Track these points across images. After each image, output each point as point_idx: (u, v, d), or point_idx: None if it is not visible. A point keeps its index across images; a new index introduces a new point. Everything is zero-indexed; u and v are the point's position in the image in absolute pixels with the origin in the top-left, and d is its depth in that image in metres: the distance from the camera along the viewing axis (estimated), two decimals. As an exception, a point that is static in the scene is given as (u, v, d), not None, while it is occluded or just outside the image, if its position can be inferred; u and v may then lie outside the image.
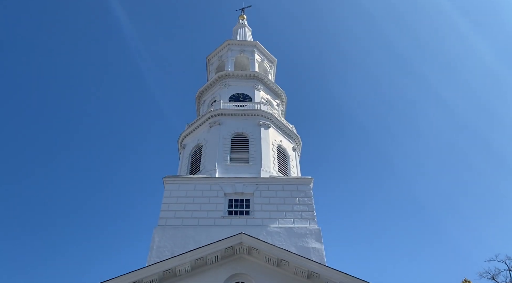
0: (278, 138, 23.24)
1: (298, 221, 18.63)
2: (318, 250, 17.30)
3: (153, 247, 16.99)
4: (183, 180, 19.98)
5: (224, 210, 18.91)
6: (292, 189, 19.88)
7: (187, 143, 23.78)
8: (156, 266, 12.97)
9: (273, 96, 27.12)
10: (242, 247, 13.80)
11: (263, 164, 20.95)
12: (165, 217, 18.35)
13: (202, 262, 13.38)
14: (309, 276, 13.16)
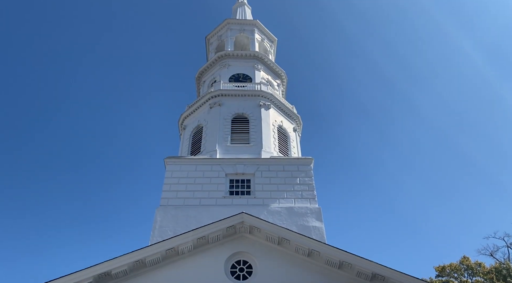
0: (279, 119, 23.21)
1: (298, 201, 18.82)
2: (319, 229, 17.56)
3: (156, 227, 17.23)
4: (184, 161, 20.07)
5: (225, 190, 19.09)
6: (293, 169, 20.00)
7: (188, 124, 23.77)
8: (159, 245, 13.17)
9: (273, 76, 26.92)
10: (243, 226, 13.98)
11: (263, 145, 20.99)
12: (167, 197, 18.53)
13: (204, 241, 13.59)
14: (310, 254, 13.38)
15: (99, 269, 12.26)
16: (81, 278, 12.02)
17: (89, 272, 12.13)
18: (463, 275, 26.68)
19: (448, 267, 26.83)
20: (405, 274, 12.45)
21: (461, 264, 26.88)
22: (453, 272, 26.66)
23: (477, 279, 26.04)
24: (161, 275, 12.88)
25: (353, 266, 12.91)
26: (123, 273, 12.58)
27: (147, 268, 12.92)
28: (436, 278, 26.78)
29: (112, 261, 12.45)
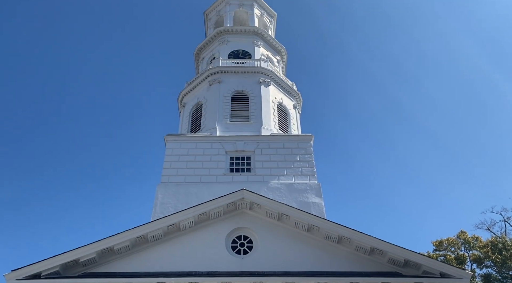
0: (279, 96, 23.08)
1: (298, 177, 18.96)
2: (318, 205, 17.78)
3: (157, 203, 17.45)
4: (184, 139, 20.11)
5: (225, 167, 19.20)
6: (293, 147, 20.06)
7: (187, 101, 23.66)
8: (161, 221, 13.35)
9: (273, 53, 26.59)
10: (243, 203, 14.14)
11: (263, 122, 20.98)
12: (168, 174, 18.66)
13: (205, 217, 13.77)
14: (309, 229, 13.59)
15: (102, 244, 12.47)
16: (84, 253, 12.24)
17: (92, 247, 12.35)
18: (460, 249, 27.21)
19: (445, 242, 27.31)
20: (403, 248, 12.69)
21: (458, 238, 27.36)
22: (450, 246, 27.16)
23: (473, 252, 26.54)
24: (163, 251, 13.11)
25: (352, 241, 13.13)
26: (126, 249, 12.82)
27: (149, 243, 13.16)
28: (434, 252, 27.31)
29: (114, 237, 12.65)
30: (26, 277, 11.54)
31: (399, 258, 12.63)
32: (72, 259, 12.11)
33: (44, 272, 11.70)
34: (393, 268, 12.79)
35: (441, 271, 12.25)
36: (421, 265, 12.44)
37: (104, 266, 12.57)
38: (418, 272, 12.47)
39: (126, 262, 12.74)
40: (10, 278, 11.45)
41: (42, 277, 11.63)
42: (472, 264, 26.54)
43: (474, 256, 26.17)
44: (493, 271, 25.57)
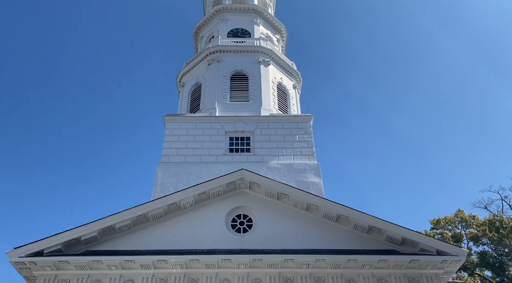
0: (278, 76, 22.90)
1: (297, 158, 19.02)
2: (317, 184, 17.89)
3: (157, 183, 17.55)
4: (183, 119, 20.05)
5: (225, 147, 19.22)
6: (292, 127, 20.04)
7: (186, 81, 23.47)
8: (161, 200, 13.45)
9: (273, 31, 26.21)
10: (243, 182, 14.21)
11: (263, 102, 20.88)
12: (167, 154, 18.70)
13: (205, 196, 13.87)
14: (308, 208, 13.71)
15: (103, 223, 12.60)
16: (86, 231, 12.38)
17: (93, 226, 12.49)
18: (457, 227, 27.54)
19: (442, 220, 27.61)
20: (400, 226, 12.84)
21: (456, 217, 27.65)
22: (447, 224, 27.48)
23: (470, 230, 26.88)
24: (163, 229, 13.26)
25: (350, 219, 13.27)
26: (127, 227, 12.96)
27: (150, 222, 13.29)
28: (431, 231, 27.65)
29: (116, 216, 12.77)
30: (29, 254, 11.70)
31: (396, 236, 12.80)
32: (74, 238, 12.26)
33: (46, 250, 11.87)
34: (390, 246, 12.97)
35: (438, 248, 12.43)
36: (418, 243, 12.61)
37: (105, 244, 12.73)
38: (415, 249, 12.66)
39: (127, 240, 12.90)
40: (13, 255, 11.62)
41: (44, 254, 11.80)
42: (468, 242, 26.92)
43: (471, 234, 26.51)
44: (489, 248, 25.97)
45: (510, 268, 24.67)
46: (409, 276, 12.27)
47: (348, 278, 12.21)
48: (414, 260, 12.18)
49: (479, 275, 25.90)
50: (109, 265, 11.84)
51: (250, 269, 12.09)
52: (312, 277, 12.15)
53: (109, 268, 11.89)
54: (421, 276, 12.29)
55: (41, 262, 11.67)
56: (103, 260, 11.81)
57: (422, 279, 12.24)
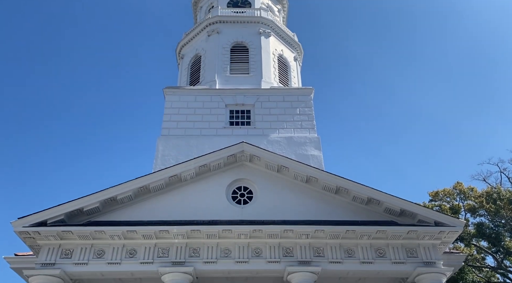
0: (279, 47, 22.55)
1: (298, 131, 19.03)
2: (317, 157, 17.99)
3: (158, 155, 17.64)
4: (183, 92, 19.92)
5: (225, 120, 19.20)
6: (293, 100, 19.94)
7: (186, 53, 23.13)
8: (162, 172, 13.53)
9: (273, 1, 25.59)
10: (243, 155, 14.25)
11: (263, 75, 20.67)
12: (168, 127, 18.71)
13: (206, 169, 13.94)
14: (308, 181, 13.80)
15: (105, 194, 12.73)
16: (88, 202, 12.53)
17: (95, 197, 12.62)
18: (455, 199, 27.86)
19: (441, 192, 27.89)
20: (399, 198, 12.97)
21: (454, 189, 27.90)
22: (446, 196, 27.76)
23: (468, 202, 27.21)
24: (164, 201, 13.39)
25: (349, 191, 13.39)
26: (128, 199, 13.10)
27: (151, 194, 13.42)
28: (429, 203, 27.99)
29: (117, 187, 12.88)
30: (32, 224, 11.89)
31: (395, 207, 12.96)
32: (77, 208, 12.41)
33: (49, 220, 12.04)
34: (389, 217, 13.16)
35: (436, 220, 12.62)
36: (416, 214, 12.78)
37: (107, 215, 12.91)
38: (413, 221, 12.84)
39: (128, 211, 13.07)
40: (17, 225, 11.81)
41: (48, 224, 11.99)
42: (466, 214, 27.30)
43: (469, 206, 26.82)
44: (486, 220, 26.38)
45: (506, 239, 25.13)
46: (407, 247, 12.51)
47: (346, 248, 12.44)
48: (412, 231, 12.37)
49: (475, 246, 26.44)
50: (112, 235, 12.05)
51: (250, 239, 12.29)
52: (311, 247, 12.38)
53: (112, 238, 12.10)
54: (419, 246, 12.52)
55: (45, 232, 11.87)
56: (105, 230, 12.00)
57: (419, 249, 12.48)
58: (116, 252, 12.05)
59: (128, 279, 12.95)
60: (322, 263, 12.09)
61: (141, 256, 12.03)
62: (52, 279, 11.48)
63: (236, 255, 12.13)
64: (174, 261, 11.95)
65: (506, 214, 24.75)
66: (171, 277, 11.67)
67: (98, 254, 12.04)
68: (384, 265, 12.23)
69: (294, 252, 12.26)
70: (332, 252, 12.32)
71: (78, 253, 11.99)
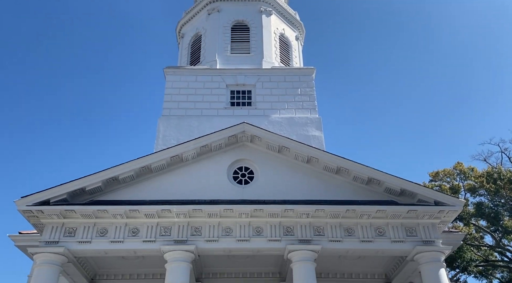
0: (281, 26, 22.22)
1: (299, 111, 18.97)
2: (318, 138, 17.99)
3: (159, 136, 17.66)
4: (184, 71, 19.77)
5: (226, 101, 19.13)
6: (294, 80, 19.80)
7: (186, 32, 22.83)
8: (164, 152, 13.55)
9: (274, -21, 25.03)
10: (244, 135, 14.23)
11: (264, 55, 20.46)
12: (169, 107, 18.66)
13: (207, 149, 13.94)
14: (308, 161, 13.82)
15: (107, 174, 12.78)
16: (91, 182, 12.60)
17: (98, 176, 12.68)
18: (455, 179, 28.00)
19: (441, 173, 28.00)
20: (399, 178, 13.01)
21: (455, 169, 28.01)
22: (446, 176, 27.90)
23: (468, 182, 27.35)
24: (166, 180, 13.44)
25: (350, 171, 13.41)
26: (130, 178, 13.16)
27: (153, 173, 13.47)
28: (430, 183, 28.14)
29: (119, 167, 12.92)
30: (36, 203, 12.00)
31: (395, 187, 13.01)
32: (79, 188, 12.49)
33: (52, 199, 12.14)
34: (389, 197, 13.23)
35: (435, 199, 12.68)
36: (416, 194, 12.84)
37: (109, 195, 12.99)
38: (413, 200, 12.91)
39: (130, 191, 13.14)
40: (20, 204, 11.92)
41: (50, 203, 12.10)
42: (465, 194, 27.47)
43: (469, 185, 26.97)
44: (485, 199, 26.56)
45: (505, 218, 25.35)
46: (406, 226, 12.62)
47: (346, 227, 12.56)
48: (411, 210, 12.46)
49: (474, 225, 26.71)
50: (114, 214, 12.17)
51: (251, 218, 12.41)
52: (312, 226, 12.50)
53: (114, 217, 12.22)
54: (418, 225, 12.63)
55: (48, 210, 11.98)
56: (108, 209, 12.11)
57: (419, 228, 12.60)
58: (119, 231, 12.19)
59: (131, 257, 13.19)
60: (322, 242, 12.24)
61: (143, 234, 12.18)
62: (56, 256, 11.67)
63: (237, 234, 12.27)
64: (176, 240, 12.11)
65: (506, 193, 24.89)
66: (173, 255, 11.85)
67: (101, 232, 12.20)
68: (383, 243, 12.37)
69: (295, 231, 12.39)
70: (332, 231, 12.44)
71: (81, 231, 12.14)
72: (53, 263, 11.62)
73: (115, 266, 14.14)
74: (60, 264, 11.79)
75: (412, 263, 12.72)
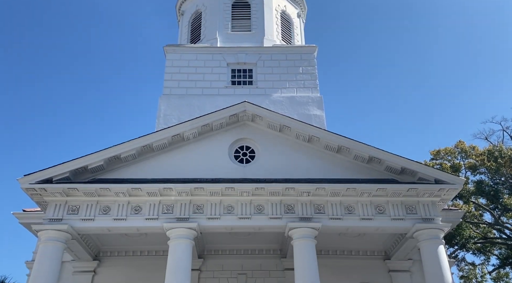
0: (282, 3, 21.81)
1: (300, 90, 18.85)
2: (319, 117, 17.95)
3: (160, 115, 17.63)
4: (184, 50, 19.55)
5: (227, 80, 19.00)
6: (296, 58, 19.59)
7: (186, 9, 22.44)
8: (165, 131, 13.54)
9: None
10: (246, 115, 14.20)
11: (266, 32, 20.17)
12: (169, 86, 18.56)
13: (208, 128, 13.94)
14: (310, 140, 13.82)
15: (109, 152, 12.82)
16: (92, 160, 12.65)
17: (100, 155, 12.72)
18: (456, 158, 27.99)
19: (442, 151, 27.94)
20: (400, 156, 13.02)
21: (456, 148, 27.96)
22: (447, 155, 27.87)
23: (469, 161, 27.33)
24: (167, 159, 13.50)
25: (350, 150, 13.43)
26: (132, 157, 13.21)
27: (154, 152, 13.51)
28: (430, 161, 28.16)
29: (121, 145, 12.95)
30: (38, 181, 12.09)
31: (396, 166, 13.04)
32: (81, 166, 12.55)
33: (55, 177, 12.23)
34: (389, 175, 13.28)
35: (436, 177, 12.73)
36: (416, 172, 12.88)
37: (111, 173, 13.08)
38: (414, 179, 12.97)
39: (132, 169, 13.22)
40: (23, 182, 12.02)
41: (53, 182, 12.20)
42: (466, 172, 27.52)
43: (470, 164, 26.96)
44: (486, 177, 26.62)
45: (505, 196, 25.48)
46: (406, 204, 12.72)
47: (346, 205, 12.67)
48: (412, 189, 12.53)
49: (473, 203, 26.87)
50: (117, 192, 12.28)
51: (252, 196, 12.52)
52: (312, 204, 12.61)
53: (117, 195, 12.33)
54: (418, 203, 12.73)
55: (51, 188, 12.09)
56: (110, 187, 12.21)
57: (419, 206, 12.70)
58: (122, 209, 12.32)
59: (134, 234, 13.39)
60: (323, 220, 12.37)
61: (146, 212, 12.32)
62: (60, 233, 11.85)
63: (239, 212, 12.40)
64: (179, 217, 12.25)
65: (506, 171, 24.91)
66: (176, 232, 12.02)
67: (104, 210, 12.33)
68: (383, 221, 12.50)
69: (295, 209, 12.52)
70: (333, 209, 12.56)
71: (84, 209, 12.28)
72: (57, 240, 11.81)
73: (118, 243, 14.38)
74: (64, 241, 11.99)
75: (411, 240, 12.89)
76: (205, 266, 14.60)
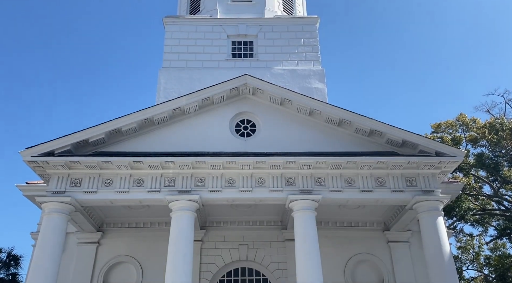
0: (284, -27, 21.17)
1: (302, 63, 18.59)
2: (321, 90, 17.79)
3: (160, 88, 17.49)
4: (183, 21, 19.17)
5: (227, 52, 18.72)
6: (297, 30, 19.23)
7: (185, -21, 21.84)
8: (165, 104, 13.46)
9: None
10: (246, 88, 14.06)
11: (266, 3, 19.72)
12: (169, 59, 18.31)
13: (209, 102, 13.85)
14: (311, 113, 13.74)
15: (110, 125, 12.80)
16: (94, 133, 12.65)
17: (101, 128, 12.70)
18: (457, 131, 27.86)
19: (444, 124, 27.78)
20: (400, 129, 12.97)
21: (457, 121, 27.77)
22: (448, 128, 27.72)
23: (470, 133, 27.21)
24: (168, 133, 13.49)
25: (352, 123, 13.37)
26: (133, 130, 13.19)
27: (155, 126, 13.48)
28: (432, 134, 28.06)
29: (122, 119, 12.91)
30: (40, 154, 12.13)
31: (396, 138, 13.01)
32: (83, 139, 12.56)
33: (57, 150, 12.26)
34: (390, 148, 13.28)
35: (436, 150, 12.73)
36: (417, 145, 12.87)
37: (112, 146, 13.10)
38: (415, 151, 12.97)
39: (133, 142, 13.24)
40: (25, 155, 12.06)
41: (55, 154, 12.23)
42: (467, 145, 27.45)
43: (471, 137, 26.83)
44: (486, 150, 26.58)
45: (505, 168, 25.54)
46: (406, 176, 12.77)
47: (347, 178, 12.73)
48: (412, 161, 12.54)
49: (473, 175, 26.97)
50: (119, 165, 12.33)
51: (254, 170, 12.56)
52: (313, 177, 12.68)
53: (119, 168, 12.39)
54: (418, 175, 12.78)
55: (53, 161, 12.14)
56: (112, 160, 12.25)
57: (419, 179, 12.76)
58: (124, 181, 12.41)
59: (136, 206, 13.57)
60: (323, 192, 12.47)
61: (148, 185, 12.42)
62: (63, 205, 11.99)
63: (240, 185, 12.50)
64: (181, 190, 12.36)
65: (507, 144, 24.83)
66: (178, 204, 12.15)
67: (106, 183, 12.43)
68: (383, 193, 12.59)
69: (296, 182, 12.59)
70: (333, 181, 12.63)
71: (86, 182, 12.37)
72: (61, 211, 11.97)
73: (121, 215, 14.59)
74: (68, 213, 12.16)
75: (410, 212, 13.03)
76: (207, 237, 14.86)
